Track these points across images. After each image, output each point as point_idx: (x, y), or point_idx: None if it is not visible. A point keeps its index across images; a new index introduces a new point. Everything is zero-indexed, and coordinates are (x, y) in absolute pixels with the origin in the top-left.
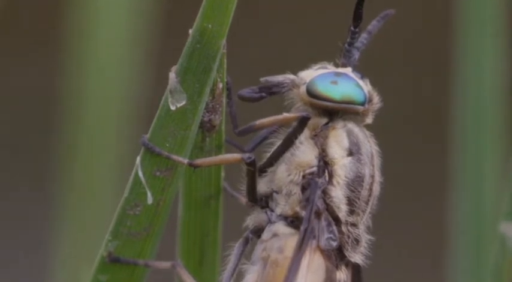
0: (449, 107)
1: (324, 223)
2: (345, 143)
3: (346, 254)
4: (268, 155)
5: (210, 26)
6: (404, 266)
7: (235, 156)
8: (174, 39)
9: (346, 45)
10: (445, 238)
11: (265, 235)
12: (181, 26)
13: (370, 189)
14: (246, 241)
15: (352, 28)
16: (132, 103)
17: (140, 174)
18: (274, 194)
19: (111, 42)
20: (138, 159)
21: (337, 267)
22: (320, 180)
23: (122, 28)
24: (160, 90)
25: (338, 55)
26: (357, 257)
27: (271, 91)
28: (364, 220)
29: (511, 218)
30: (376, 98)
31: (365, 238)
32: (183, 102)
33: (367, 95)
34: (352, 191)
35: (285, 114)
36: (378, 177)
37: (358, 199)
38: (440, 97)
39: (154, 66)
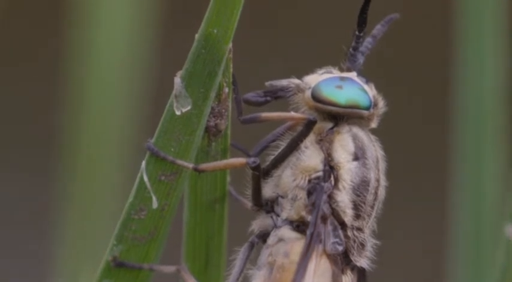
0: (449, 108)
1: (329, 228)
2: (350, 147)
3: (352, 258)
4: (273, 157)
5: (215, 31)
6: (405, 268)
7: (240, 160)
8: (179, 44)
9: (350, 49)
10: (446, 239)
11: (270, 240)
12: (187, 30)
13: (376, 194)
14: (252, 246)
15: (356, 32)
16: (137, 107)
17: (145, 178)
18: (280, 199)
19: (115, 46)
20: (143, 163)
21: (342, 271)
22: (326, 185)
23: (126, 32)
24: (165, 95)
25: (343, 60)
26: (362, 261)
27: (276, 95)
28: (369, 224)
29: None
30: (381, 103)
31: (370, 242)
32: (188, 107)
33: (372, 99)
34: (357, 195)
35: (293, 113)
36: (383, 181)
37: (364, 203)
38: (441, 98)
39: (159, 70)
